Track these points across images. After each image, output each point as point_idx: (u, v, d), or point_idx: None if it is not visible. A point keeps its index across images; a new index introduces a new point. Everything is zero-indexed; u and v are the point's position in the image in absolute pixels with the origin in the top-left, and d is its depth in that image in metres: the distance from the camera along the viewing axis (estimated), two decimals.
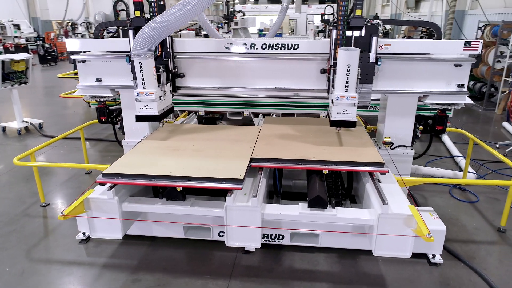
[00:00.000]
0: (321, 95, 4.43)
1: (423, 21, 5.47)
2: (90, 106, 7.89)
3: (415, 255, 3.40)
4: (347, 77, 3.46)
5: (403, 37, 16.12)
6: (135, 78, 3.99)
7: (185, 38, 6.06)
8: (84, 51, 4.75)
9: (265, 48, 4.29)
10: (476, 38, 10.04)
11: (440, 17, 13.49)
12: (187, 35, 8.84)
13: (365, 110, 6.54)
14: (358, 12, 3.77)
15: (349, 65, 3.40)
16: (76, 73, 8.46)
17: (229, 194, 3.18)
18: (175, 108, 4.68)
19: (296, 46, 4.24)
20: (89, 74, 4.66)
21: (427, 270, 3.55)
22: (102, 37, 4.67)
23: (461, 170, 5.76)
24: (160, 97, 3.95)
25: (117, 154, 6.54)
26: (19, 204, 4.88)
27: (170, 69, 4.29)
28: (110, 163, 3.66)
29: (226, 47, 4.34)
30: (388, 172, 3.53)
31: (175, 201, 3.41)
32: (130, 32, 4.07)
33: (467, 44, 4.04)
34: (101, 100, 4.93)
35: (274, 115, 6.43)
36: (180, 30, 8.34)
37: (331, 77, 3.95)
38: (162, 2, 3.92)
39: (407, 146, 4.57)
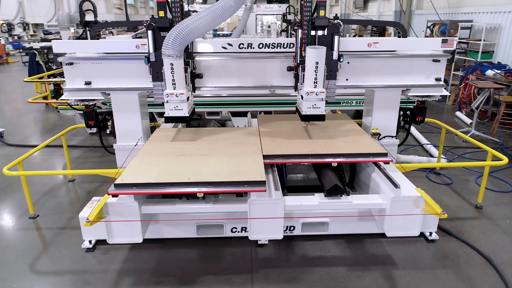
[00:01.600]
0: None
1: (388, 21, 5.95)
2: (58, 112, 7.47)
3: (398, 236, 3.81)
4: (316, 74, 3.72)
5: (354, 36, 17.04)
6: (157, 80, 3.99)
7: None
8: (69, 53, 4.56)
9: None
10: (426, 36, 10.93)
11: (390, 17, 14.45)
12: None
13: (337, 106, 6.93)
14: (321, 12, 4.01)
15: (317, 63, 3.66)
16: (40, 77, 8.00)
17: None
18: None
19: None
20: (76, 76, 4.49)
21: (426, 246, 3.92)
22: (98, 38, 4.51)
23: (431, 156, 6.33)
24: (188, 97, 3.91)
25: (96, 160, 6.35)
26: (6, 216, 4.57)
27: (191, 70, 4.27)
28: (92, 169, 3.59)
29: (223, 47, 4.41)
30: (392, 161, 3.82)
31: (196, 200, 3.44)
32: (149, 33, 3.98)
33: (444, 41, 4.49)
34: (90, 104, 4.75)
35: (262, 113, 6.55)
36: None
37: (300, 74, 4.11)
38: (182, 3, 3.91)
39: (392, 136, 4.96)
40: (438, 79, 4.67)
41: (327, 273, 3.52)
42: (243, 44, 4.40)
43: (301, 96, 3.99)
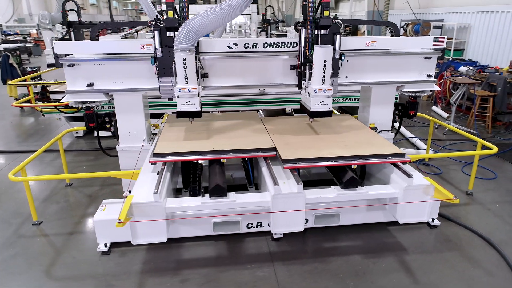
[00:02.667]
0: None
1: (382, 21, 6.24)
2: (43, 115, 7.22)
3: (408, 223, 4.08)
4: (324, 72, 3.89)
5: None
6: (164, 75, 4.07)
7: None
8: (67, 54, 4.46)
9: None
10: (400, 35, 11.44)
11: (363, 16, 14.97)
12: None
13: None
14: (326, 12, 4.20)
15: (325, 61, 3.84)
16: (22, 81, 7.68)
17: (277, 184, 3.39)
18: None
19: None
20: (78, 78, 4.40)
21: (430, 232, 4.19)
22: (98, 39, 4.43)
23: (418, 149, 6.69)
24: (198, 93, 3.94)
25: (90, 164, 6.22)
26: (5, 226, 4.40)
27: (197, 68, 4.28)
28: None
29: (229, 47, 4.48)
30: (410, 161, 3.92)
31: (219, 196, 3.50)
32: (156, 33, 3.98)
33: (436, 40, 4.80)
34: (91, 105, 4.67)
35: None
36: (137, 31, 8.09)
37: (306, 72, 4.25)
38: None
39: (388, 130, 5.22)
40: (429, 75, 4.97)
41: (345, 261, 3.69)
42: (248, 44, 4.49)
43: (308, 93, 4.13)
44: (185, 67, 3.75)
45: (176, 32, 3.75)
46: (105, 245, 3.87)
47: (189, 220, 3.83)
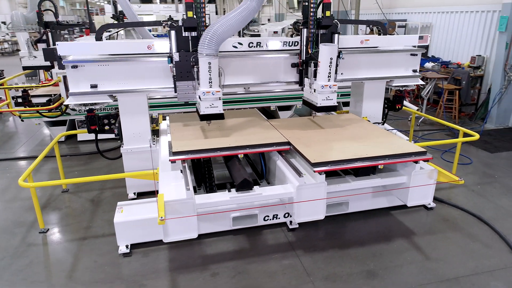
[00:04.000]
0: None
1: (372, 20, 6.62)
2: (22, 120, 6.85)
3: (413, 206, 4.44)
4: (330, 68, 4.15)
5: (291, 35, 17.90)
6: (181, 79, 4.11)
7: None
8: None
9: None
10: (366, 34, 12.04)
11: None
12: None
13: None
14: (327, 13, 4.48)
15: (331, 58, 4.10)
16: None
17: (301, 175, 3.57)
18: None
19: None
20: (81, 80, 4.32)
21: (427, 214, 4.59)
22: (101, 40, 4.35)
23: None
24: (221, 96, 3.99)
25: (81, 168, 6.05)
26: (9, 236, 4.22)
27: None
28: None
29: (234, 46, 4.59)
30: (432, 158, 4.03)
31: (246, 191, 3.62)
32: (173, 33, 3.99)
33: (420, 38, 5.26)
34: (94, 107, 4.58)
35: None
36: (117, 32, 7.90)
37: (311, 69, 4.45)
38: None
39: (379, 123, 5.59)
40: (414, 71, 5.40)
41: (360, 245, 3.96)
42: (252, 43, 4.63)
43: (314, 89, 4.36)
44: (210, 71, 3.82)
45: (200, 37, 3.83)
46: (126, 246, 3.86)
47: (209, 216, 3.91)
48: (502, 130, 7.83)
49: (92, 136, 7.20)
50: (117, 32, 7.80)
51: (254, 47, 4.64)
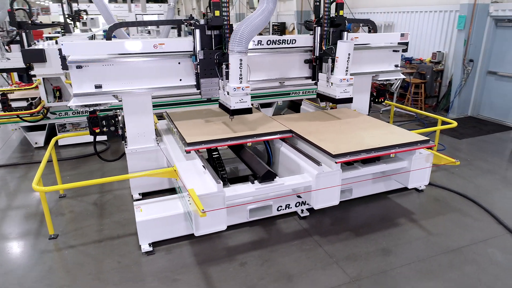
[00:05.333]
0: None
1: (362, 19, 7.00)
2: None
3: (403, 189, 4.96)
4: (347, 63, 4.49)
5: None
6: (210, 76, 4.30)
7: None
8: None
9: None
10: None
11: (292, 16, 15.99)
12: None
13: (290, 96, 7.77)
14: (341, 12, 4.86)
15: (349, 54, 4.45)
16: None
17: (320, 164, 3.80)
18: None
19: (294, 41, 5.03)
20: (85, 81, 4.26)
21: (419, 195, 5.03)
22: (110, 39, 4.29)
23: None
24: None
25: (72, 173, 5.88)
26: (17, 244, 4.05)
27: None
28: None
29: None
30: (435, 145, 4.51)
31: (269, 182, 3.78)
32: (197, 31, 4.06)
33: (402, 35, 5.67)
34: (98, 108, 4.50)
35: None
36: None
37: (328, 65, 4.75)
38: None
39: (366, 115, 5.99)
40: (396, 66, 5.86)
41: (369, 227, 4.28)
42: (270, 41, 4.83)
43: (331, 83, 4.65)
44: (241, 67, 3.93)
45: (231, 35, 3.97)
46: (149, 245, 3.87)
47: (231, 209, 4.02)
48: (463, 118, 8.63)
49: (73, 141, 7.05)
50: (93, 34, 7.58)
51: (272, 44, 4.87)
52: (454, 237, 4.09)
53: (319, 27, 4.70)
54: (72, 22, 12.78)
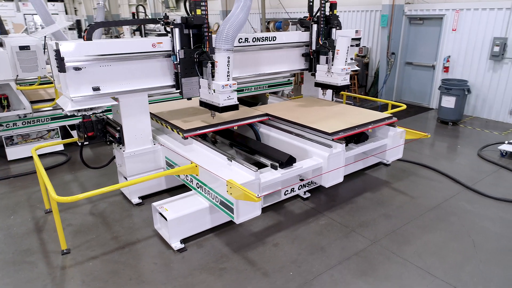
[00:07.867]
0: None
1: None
2: None
3: (374, 165, 5.76)
4: (347, 55, 5.10)
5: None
6: (191, 75, 4.39)
7: None
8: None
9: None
10: (261, 31, 13.23)
11: (217, 16, 16.19)
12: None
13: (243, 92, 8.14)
14: (335, 11, 5.54)
15: (348, 47, 5.06)
16: None
17: (330, 147, 4.25)
18: None
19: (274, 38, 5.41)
20: (83, 83, 4.08)
21: (387, 168, 5.87)
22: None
23: None
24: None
25: (56, 183, 5.38)
26: (26, 266, 3.69)
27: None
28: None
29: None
30: (397, 120, 5.26)
31: (289, 166, 4.10)
32: (176, 31, 4.06)
33: (357, 31, 6.46)
34: (96, 112, 4.31)
35: None
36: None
37: (328, 57, 5.34)
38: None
39: None
40: (352, 58, 6.67)
41: (364, 198, 4.91)
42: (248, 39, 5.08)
43: (332, 72, 5.28)
44: (228, 65, 4.09)
45: (217, 34, 4.13)
46: (180, 242, 3.89)
47: None
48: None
49: (24, 154, 6.37)
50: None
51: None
52: (430, 197, 4.94)
53: (315, 25, 5.21)
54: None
